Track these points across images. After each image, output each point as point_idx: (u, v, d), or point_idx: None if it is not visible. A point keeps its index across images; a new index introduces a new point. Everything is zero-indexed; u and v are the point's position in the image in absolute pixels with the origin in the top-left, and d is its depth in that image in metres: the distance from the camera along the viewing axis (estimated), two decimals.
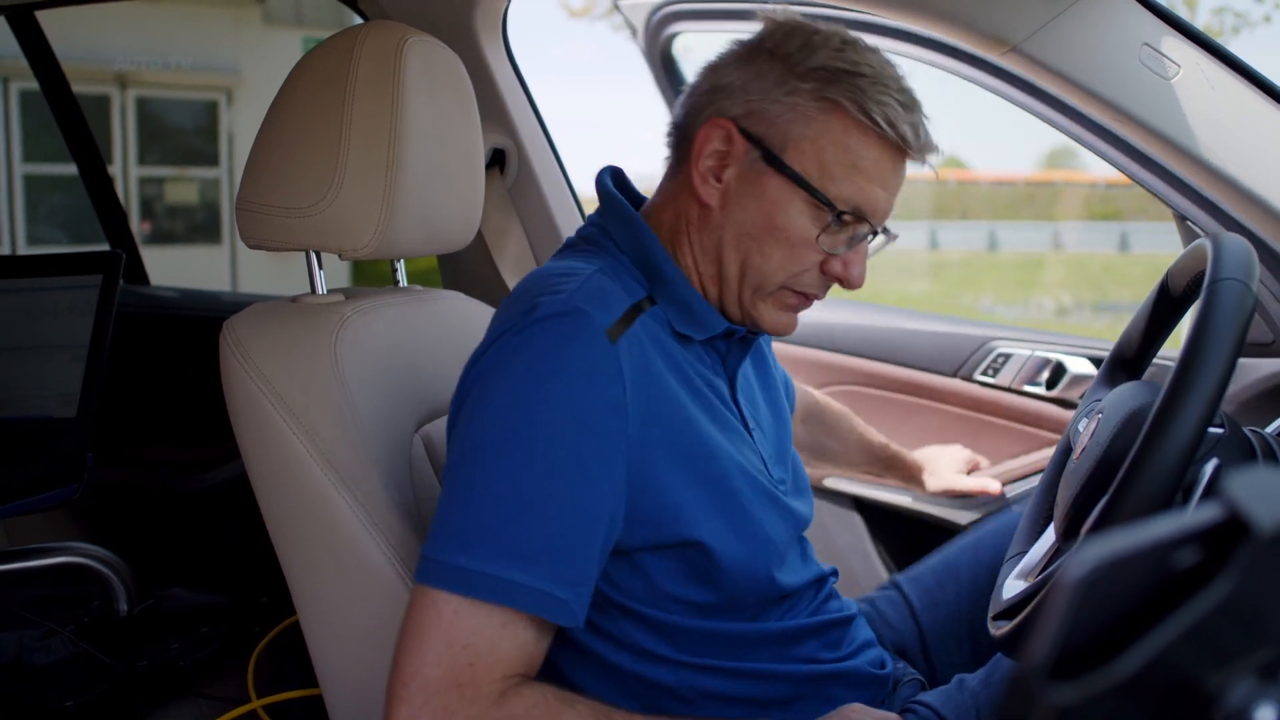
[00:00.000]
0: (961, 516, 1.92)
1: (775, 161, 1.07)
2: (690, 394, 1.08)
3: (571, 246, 1.18)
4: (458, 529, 0.95)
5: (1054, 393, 1.94)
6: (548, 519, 0.95)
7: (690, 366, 1.11)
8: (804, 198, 1.07)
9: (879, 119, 1.05)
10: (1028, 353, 2.00)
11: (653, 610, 1.08)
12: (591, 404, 0.98)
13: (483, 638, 0.93)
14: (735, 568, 1.07)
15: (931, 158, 1.11)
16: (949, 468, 1.79)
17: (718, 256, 1.12)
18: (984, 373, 2.03)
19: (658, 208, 1.17)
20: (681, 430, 1.05)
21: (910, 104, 1.07)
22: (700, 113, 1.11)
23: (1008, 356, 2.02)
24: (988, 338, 2.05)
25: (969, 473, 1.80)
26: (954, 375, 2.06)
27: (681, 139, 1.14)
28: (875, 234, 1.11)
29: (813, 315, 1.41)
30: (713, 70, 1.13)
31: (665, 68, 2.31)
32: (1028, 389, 2.00)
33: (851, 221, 1.09)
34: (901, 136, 1.06)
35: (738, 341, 1.18)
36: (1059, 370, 1.97)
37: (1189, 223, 1.56)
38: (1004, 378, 2.01)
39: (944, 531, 1.90)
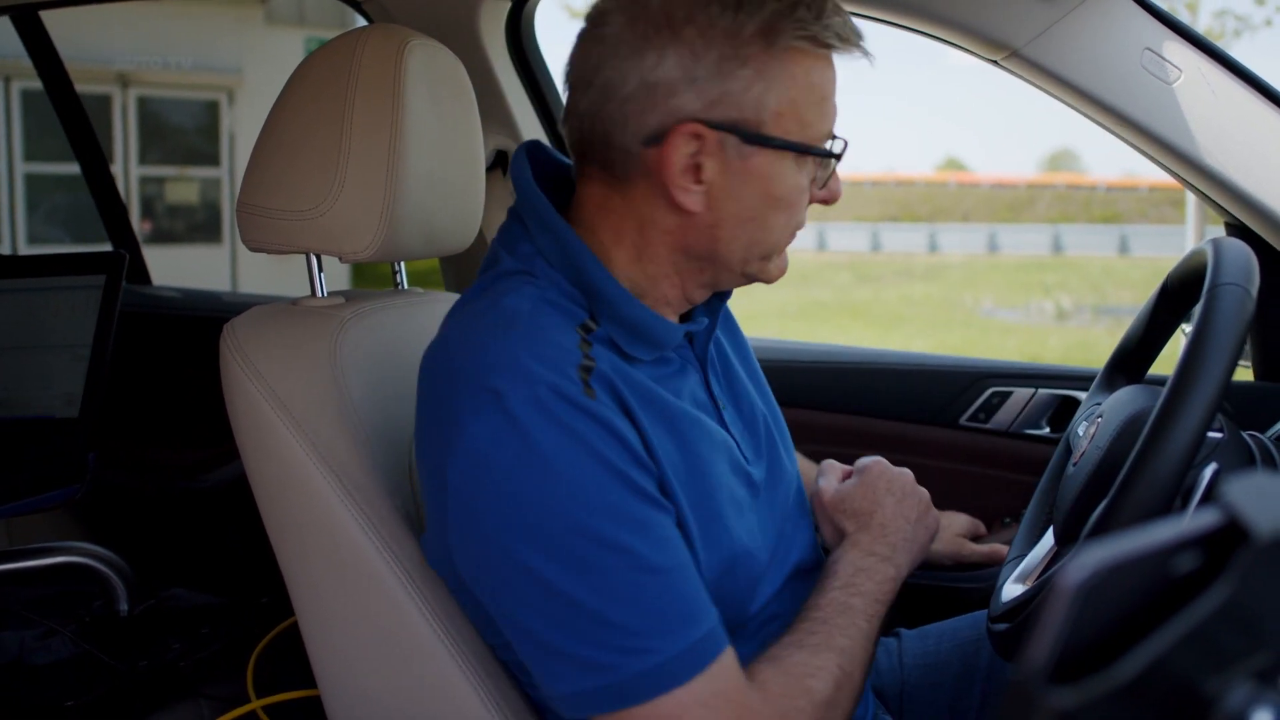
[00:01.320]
0: (970, 593, 1.82)
1: (757, 139, 0.97)
2: (661, 405, 1.01)
3: (494, 265, 1.07)
4: (586, 652, 0.90)
5: (1063, 434, 1.80)
6: (663, 583, 0.91)
7: (652, 377, 1.03)
8: (793, 157, 0.99)
9: (833, 41, 0.98)
10: (1029, 391, 1.82)
11: None
12: (614, 461, 0.92)
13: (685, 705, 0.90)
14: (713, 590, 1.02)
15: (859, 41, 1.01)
16: (949, 533, 1.58)
17: (712, 252, 1.02)
18: (975, 416, 1.86)
19: (593, 224, 1.04)
20: (672, 447, 1.00)
21: (834, 5, 0.99)
22: (639, 121, 0.97)
23: (1005, 396, 1.83)
24: (979, 374, 1.86)
25: (975, 539, 1.60)
26: (939, 422, 1.87)
27: (618, 154, 0.99)
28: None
29: (772, 360, 1.37)
30: (618, 67, 0.97)
31: None
32: (1029, 433, 1.83)
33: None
34: (840, 36, 0.98)
35: (705, 329, 1.12)
36: (1066, 408, 1.81)
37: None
38: (1000, 421, 1.84)
39: (955, 601, 1.82)
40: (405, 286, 1.48)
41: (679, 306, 1.08)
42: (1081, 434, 1.19)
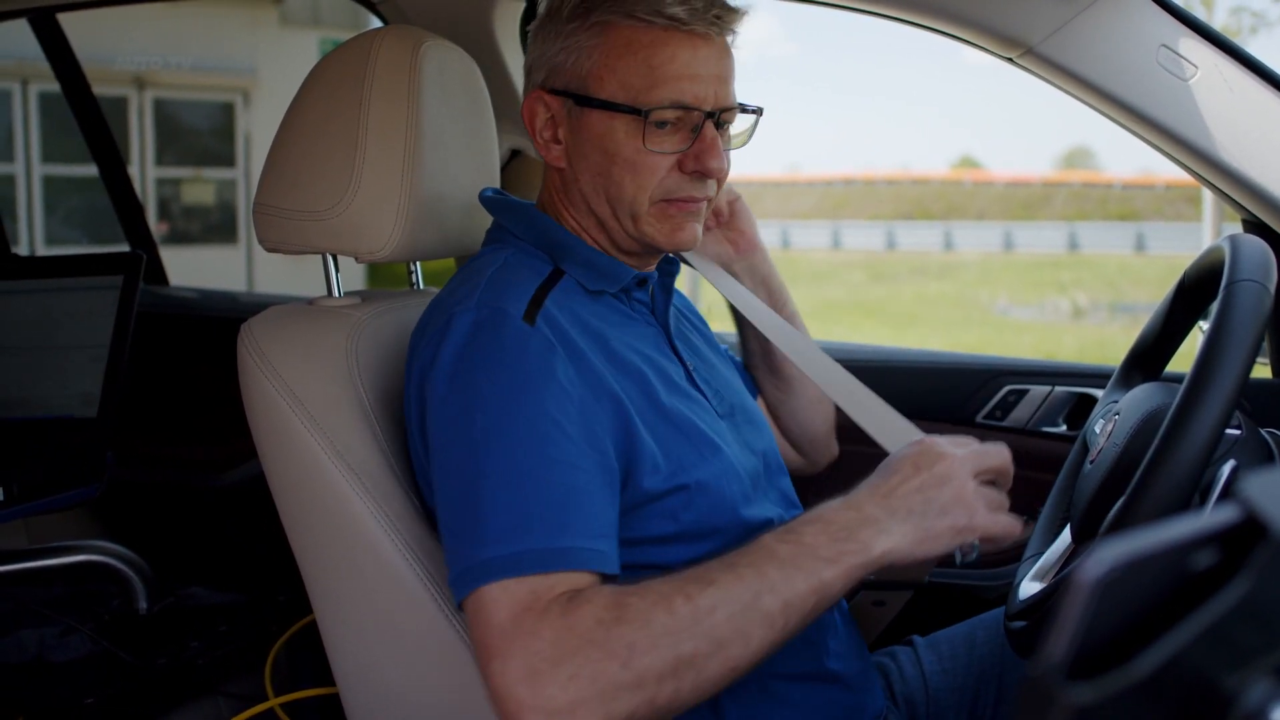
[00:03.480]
0: (987, 590, 1.78)
1: (585, 100, 1.14)
2: (619, 347, 1.13)
3: (474, 259, 1.22)
4: (474, 529, 0.97)
5: (1079, 432, 1.76)
6: (556, 484, 0.98)
7: (614, 326, 1.16)
8: (621, 118, 1.12)
9: (645, 14, 1.10)
10: (1045, 389, 1.81)
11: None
12: (541, 376, 1.03)
13: (539, 593, 0.94)
14: (706, 495, 1.11)
15: (724, 21, 1.13)
16: None
17: (588, 207, 1.18)
18: (991, 414, 1.84)
19: (546, 198, 1.24)
20: (623, 383, 1.10)
21: None
22: (524, 98, 1.21)
23: (1021, 393, 1.82)
24: (995, 372, 1.85)
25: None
26: (955, 420, 1.85)
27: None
28: (715, 120, 1.13)
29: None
30: (526, 61, 1.22)
31: None
32: (1046, 430, 1.81)
33: (676, 118, 1.12)
34: (672, 18, 1.10)
35: (659, 289, 1.25)
36: (1083, 405, 1.80)
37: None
38: (1017, 418, 1.82)
39: (969, 600, 1.78)
40: (421, 286, 1.48)
41: (627, 259, 1.22)
42: (1098, 431, 1.19)
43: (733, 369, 1.39)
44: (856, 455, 1.32)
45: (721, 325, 1.62)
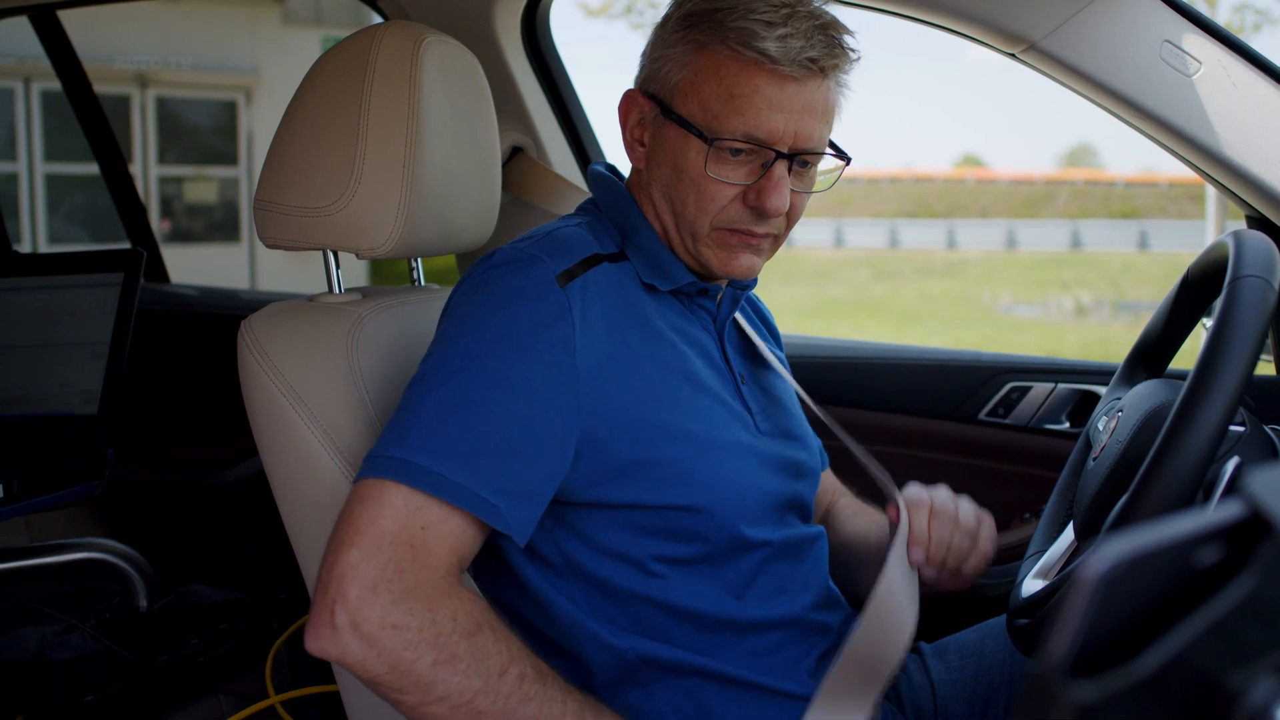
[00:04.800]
0: (990, 588, 1.75)
1: (670, 113, 1.14)
2: (655, 342, 1.14)
3: (553, 222, 1.24)
4: (403, 430, 1.00)
5: (1083, 430, 1.70)
6: (490, 428, 1.00)
7: (661, 316, 1.17)
8: (695, 139, 1.12)
9: (736, 44, 1.09)
10: (1049, 386, 1.80)
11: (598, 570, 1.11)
12: (538, 334, 1.04)
13: (428, 519, 0.96)
14: (702, 493, 1.10)
15: (819, 65, 1.10)
16: None
17: (657, 213, 1.19)
18: (994, 411, 1.83)
19: (628, 181, 1.25)
20: (637, 373, 1.10)
21: (777, 21, 1.09)
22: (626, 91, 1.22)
23: (1024, 391, 1.82)
24: (998, 369, 1.84)
25: None
26: (958, 417, 1.85)
27: None
28: (788, 160, 1.12)
29: (789, 356, 1.38)
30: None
31: None
32: (1049, 427, 1.80)
33: (748, 150, 1.11)
34: (761, 52, 1.08)
35: (727, 299, 1.23)
36: (1086, 402, 1.79)
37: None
38: (1019, 416, 1.82)
39: (972, 599, 1.79)
40: (422, 283, 1.48)
41: (700, 270, 1.20)
42: (1102, 428, 1.18)
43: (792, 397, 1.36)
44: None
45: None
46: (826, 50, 1.10)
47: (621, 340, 1.11)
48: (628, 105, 1.20)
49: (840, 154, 1.18)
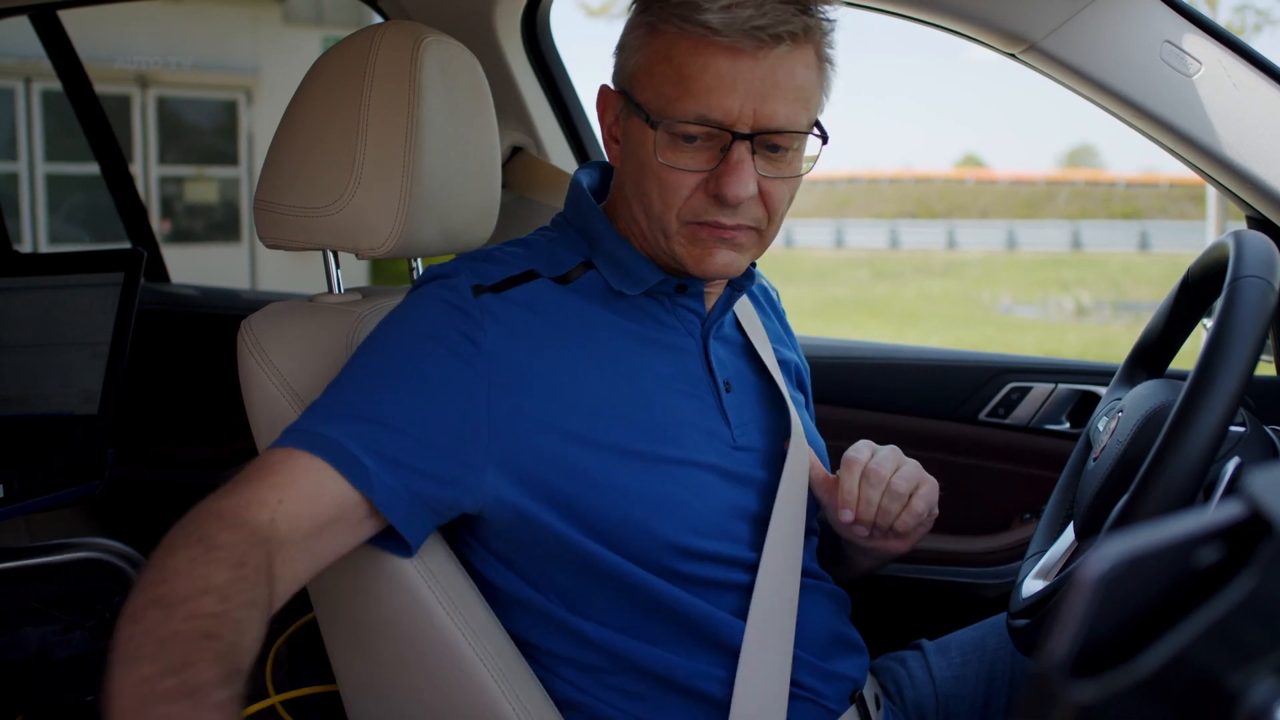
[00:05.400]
0: (990, 589, 1.78)
1: (631, 103, 1.09)
2: (604, 356, 1.10)
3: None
4: (307, 410, 1.03)
5: (1083, 430, 1.61)
6: (375, 395, 1.02)
7: (624, 329, 1.13)
8: (650, 126, 1.06)
9: (681, 20, 1.02)
10: (1049, 386, 1.80)
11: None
12: (441, 329, 1.05)
13: (287, 480, 0.95)
14: (614, 518, 1.07)
15: (768, 33, 1.00)
16: None
17: (632, 213, 1.13)
18: (994, 412, 1.83)
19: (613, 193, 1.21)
20: (568, 388, 1.07)
21: None
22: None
23: (1024, 391, 1.81)
24: (998, 370, 1.84)
25: None
26: (958, 417, 1.85)
27: None
28: (749, 141, 1.03)
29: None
30: None
31: None
32: (1050, 428, 1.81)
33: (705, 134, 1.04)
34: (705, 25, 1.00)
35: (722, 301, 1.18)
36: (1086, 403, 1.79)
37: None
38: (1020, 416, 1.81)
39: (972, 600, 1.78)
40: None
41: (678, 269, 1.14)
42: (1102, 429, 1.18)
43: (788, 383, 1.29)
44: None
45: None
46: (779, 18, 1.00)
47: (555, 355, 1.08)
48: (602, 102, 1.16)
49: (819, 134, 1.08)
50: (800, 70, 1.04)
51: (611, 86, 1.14)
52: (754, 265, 1.22)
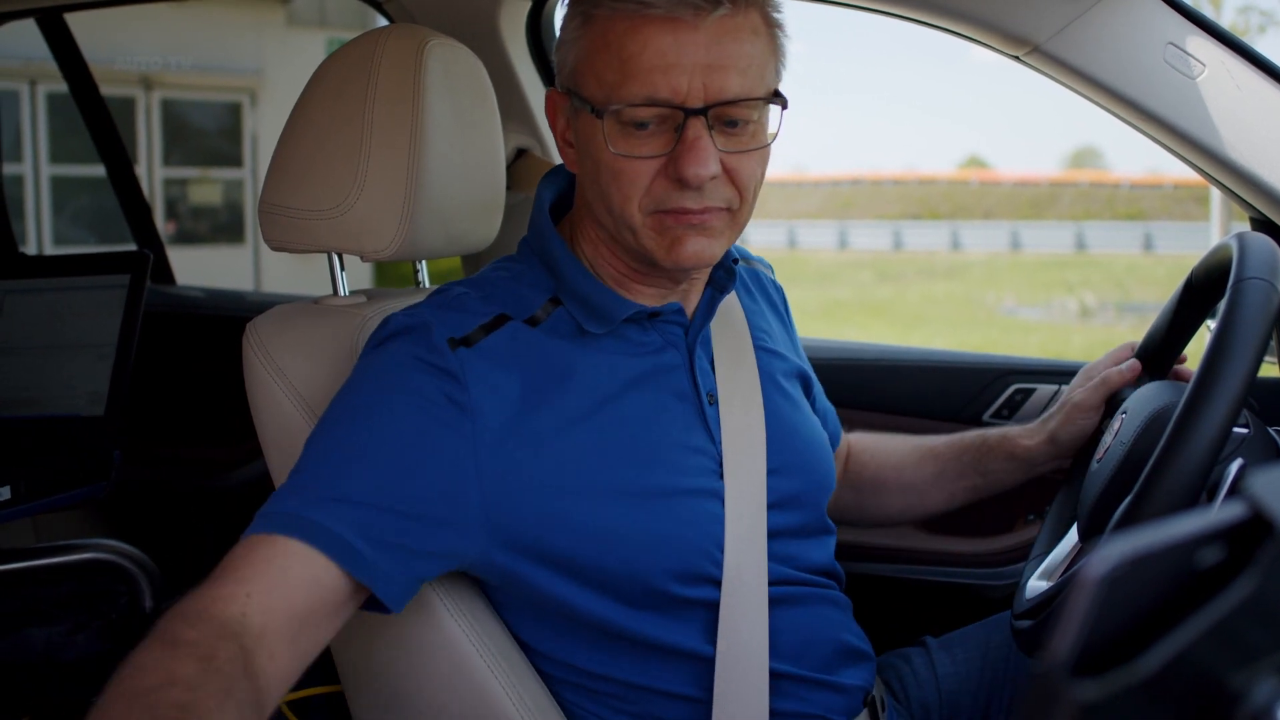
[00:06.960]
0: (994, 590, 1.77)
1: (577, 99, 1.04)
2: (581, 399, 1.05)
3: (485, 268, 1.18)
4: (282, 489, 0.96)
5: None
6: (361, 472, 0.95)
7: (595, 365, 1.08)
8: (597, 118, 1.01)
9: (623, 3, 0.98)
10: (1053, 388, 1.78)
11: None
12: (423, 390, 0.99)
13: (264, 570, 0.89)
14: (605, 564, 1.04)
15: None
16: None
17: (597, 220, 1.08)
18: (998, 413, 1.81)
19: (570, 216, 1.17)
20: (554, 442, 1.03)
21: None
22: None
23: (1028, 392, 1.80)
24: (1002, 371, 1.83)
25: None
26: (962, 419, 1.82)
27: None
28: (702, 116, 0.98)
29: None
30: None
31: None
32: None
33: (657, 117, 0.99)
34: (642, 1, 0.96)
35: (703, 309, 1.14)
36: None
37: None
38: (1024, 418, 1.77)
39: (976, 600, 1.78)
40: (427, 285, 1.48)
41: (648, 290, 1.12)
42: (1105, 430, 1.19)
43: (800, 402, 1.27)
44: None
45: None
46: None
47: (537, 407, 1.03)
48: (551, 107, 1.10)
49: (765, 99, 1.02)
50: (747, 35, 1.00)
51: (558, 89, 1.09)
52: (736, 262, 1.19)
